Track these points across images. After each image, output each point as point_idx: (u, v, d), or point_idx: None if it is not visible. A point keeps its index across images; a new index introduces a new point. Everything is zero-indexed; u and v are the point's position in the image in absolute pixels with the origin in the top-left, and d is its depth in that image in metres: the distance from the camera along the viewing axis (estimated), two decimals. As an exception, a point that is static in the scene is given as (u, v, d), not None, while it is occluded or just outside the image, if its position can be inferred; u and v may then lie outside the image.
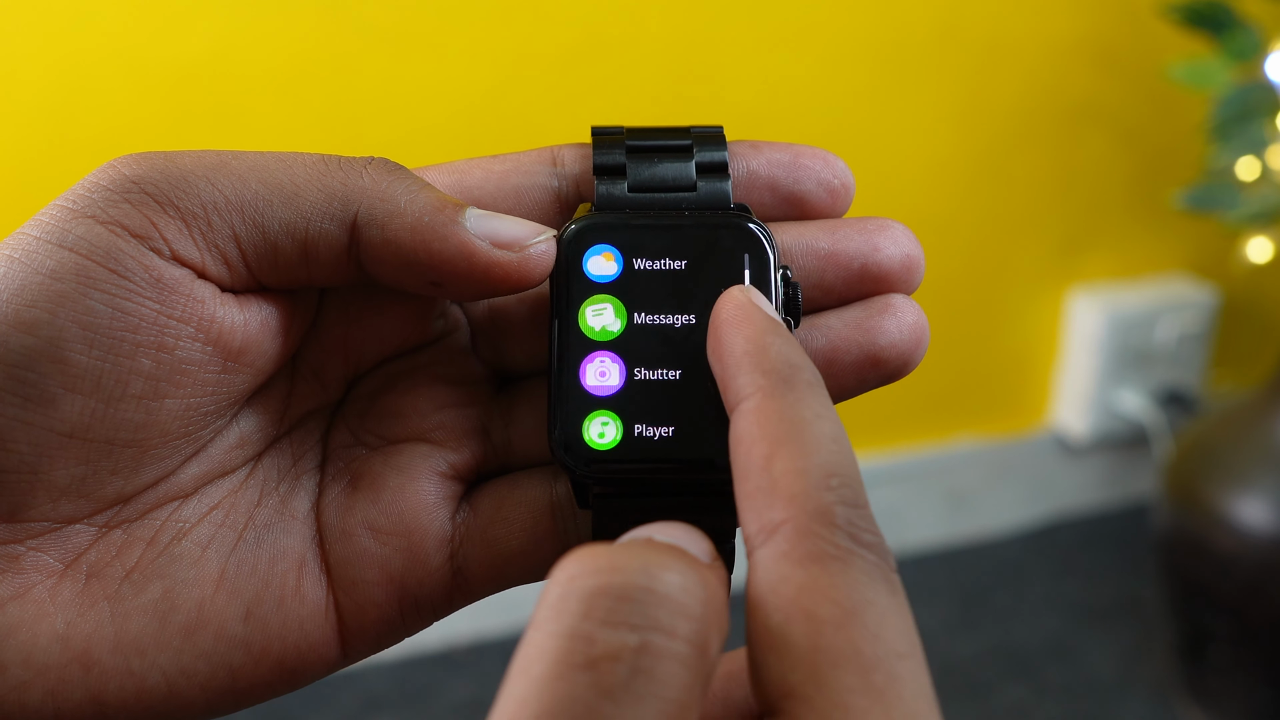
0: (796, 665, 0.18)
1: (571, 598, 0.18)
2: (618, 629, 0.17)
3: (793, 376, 0.22)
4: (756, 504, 0.20)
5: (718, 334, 0.24)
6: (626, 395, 0.26)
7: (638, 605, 0.18)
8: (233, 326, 0.25)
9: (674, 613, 0.18)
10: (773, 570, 0.19)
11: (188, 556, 0.26)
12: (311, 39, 0.85)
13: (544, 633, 0.18)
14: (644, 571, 0.18)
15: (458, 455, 0.27)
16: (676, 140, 0.28)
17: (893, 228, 0.28)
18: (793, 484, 0.20)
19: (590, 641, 0.17)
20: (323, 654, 0.27)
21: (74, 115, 0.82)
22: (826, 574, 0.19)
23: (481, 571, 0.27)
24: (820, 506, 0.20)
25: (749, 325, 0.23)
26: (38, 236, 0.24)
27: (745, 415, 0.21)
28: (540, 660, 0.17)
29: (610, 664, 0.17)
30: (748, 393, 0.22)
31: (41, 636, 0.24)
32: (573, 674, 0.17)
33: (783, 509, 0.20)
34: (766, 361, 0.22)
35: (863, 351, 0.27)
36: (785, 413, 0.21)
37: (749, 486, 0.20)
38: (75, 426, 0.24)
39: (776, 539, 0.20)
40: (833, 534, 0.19)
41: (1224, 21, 0.90)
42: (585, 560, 0.19)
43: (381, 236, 0.25)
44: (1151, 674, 1.04)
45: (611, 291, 0.27)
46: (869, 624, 0.19)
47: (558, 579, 0.19)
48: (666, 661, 0.17)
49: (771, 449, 0.20)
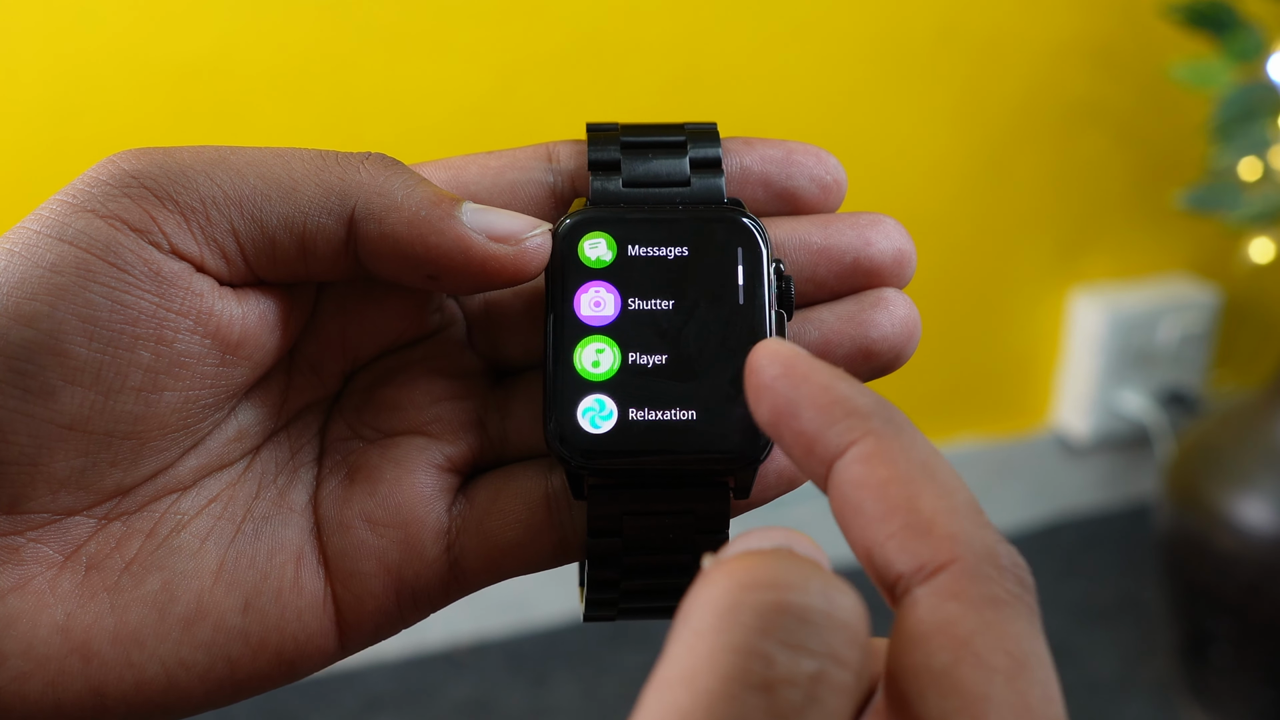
0: (962, 710, 0.18)
1: (746, 610, 0.17)
2: (797, 652, 0.17)
3: (894, 417, 0.21)
4: (908, 544, 0.19)
5: (779, 390, 0.21)
6: (621, 380, 0.26)
7: (818, 630, 0.17)
8: (231, 320, 0.25)
9: (848, 641, 0.17)
10: (940, 609, 0.18)
11: (186, 548, 0.26)
12: (312, 38, 0.86)
13: (712, 643, 0.17)
14: (824, 595, 0.18)
15: (454, 448, 0.28)
16: (670, 136, 0.28)
17: (884, 222, 0.28)
18: (949, 523, 0.19)
19: (768, 662, 0.17)
20: (321, 645, 0.27)
21: (75, 113, 0.82)
22: (1000, 620, 0.18)
23: (478, 563, 0.27)
24: (986, 547, 0.19)
25: (817, 373, 0.21)
26: (38, 230, 0.24)
27: (862, 460, 0.20)
28: (709, 673, 0.17)
29: (786, 689, 0.16)
30: (852, 438, 0.20)
31: (41, 628, 0.24)
32: (746, 694, 0.16)
33: (946, 549, 0.19)
34: (861, 406, 0.21)
35: (855, 345, 0.27)
36: (909, 452, 0.20)
37: (893, 528, 0.19)
38: (75, 419, 0.24)
39: (943, 578, 0.19)
40: (1003, 577, 0.19)
41: (1226, 21, 0.90)
42: (757, 570, 0.18)
43: (379, 231, 0.25)
44: (1153, 674, 1.04)
45: (607, 280, 0.27)
46: (1038, 679, 0.18)
47: (725, 586, 0.18)
48: (838, 692, 0.17)
49: (911, 489, 0.20)
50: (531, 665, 1.03)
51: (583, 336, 0.27)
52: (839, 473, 0.20)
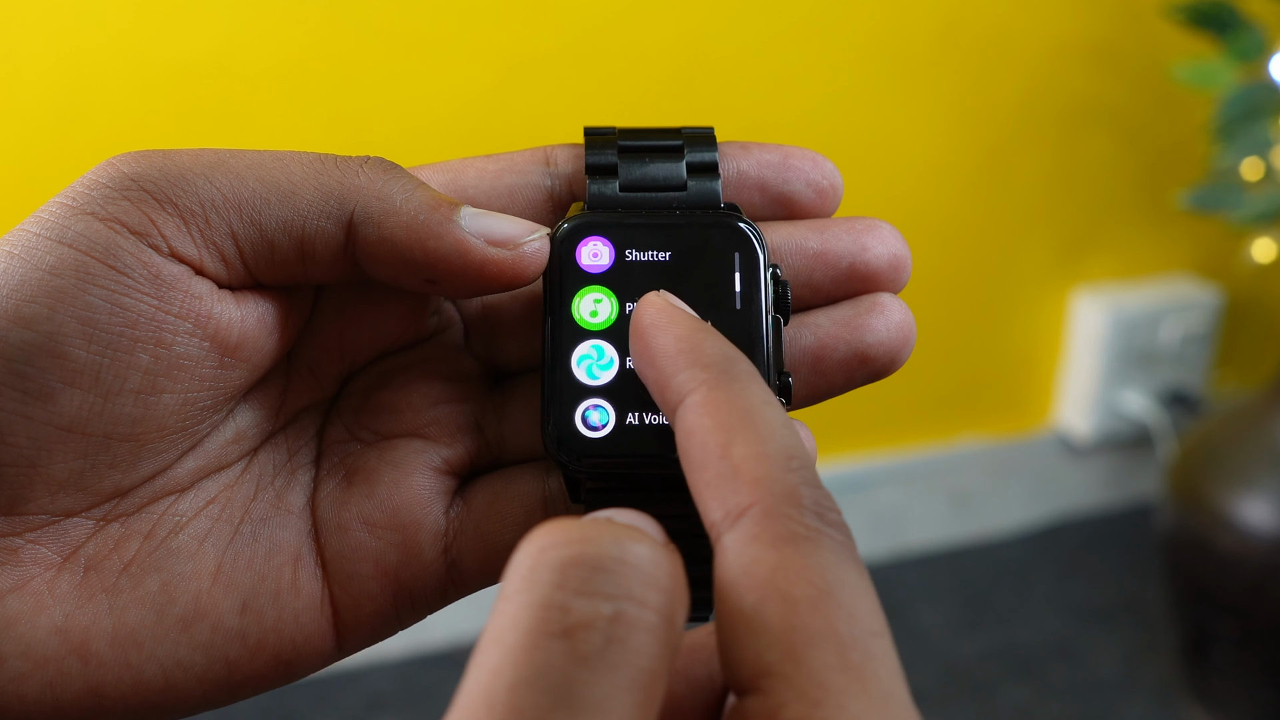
0: (773, 645, 0.18)
1: (544, 568, 0.18)
2: (592, 598, 0.18)
3: (732, 368, 0.22)
4: (719, 490, 0.20)
5: (644, 338, 0.24)
6: (618, 384, 0.27)
7: (610, 575, 0.18)
8: (230, 323, 0.26)
9: (645, 584, 0.18)
10: (743, 553, 0.19)
11: (184, 550, 0.26)
12: (313, 39, 0.86)
13: (516, 603, 0.18)
14: (615, 543, 0.18)
15: (451, 450, 0.28)
16: (667, 141, 0.28)
17: (880, 228, 0.28)
18: (755, 468, 0.20)
19: (564, 610, 0.17)
20: (318, 646, 0.27)
21: (76, 114, 0.82)
22: (799, 554, 0.19)
23: (475, 565, 0.27)
24: (786, 488, 0.20)
25: (676, 325, 0.23)
26: (37, 233, 0.24)
27: (693, 408, 0.22)
28: (514, 629, 0.17)
29: (585, 632, 0.17)
30: (690, 387, 0.22)
31: (40, 629, 0.24)
32: (547, 642, 0.17)
33: (748, 493, 0.20)
34: (704, 356, 0.22)
35: (851, 349, 0.27)
36: (734, 401, 0.21)
37: (708, 475, 0.21)
38: (74, 421, 0.24)
39: (744, 522, 0.20)
40: (801, 514, 0.20)
41: (1228, 21, 0.90)
42: (555, 532, 0.19)
43: (377, 234, 0.25)
44: (1155, 674, 1.04)
45: (604, 284, 0.27)
46: (843, 602, 0.19)
47: (528, 550, 0.19)
48: (639, 631, 0.18)
49: (727, 436, 0.21)
50: (533, 665, 1.03)
51: (580, 340, 0.27)
52: (678, 420, 0.22)
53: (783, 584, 0.19)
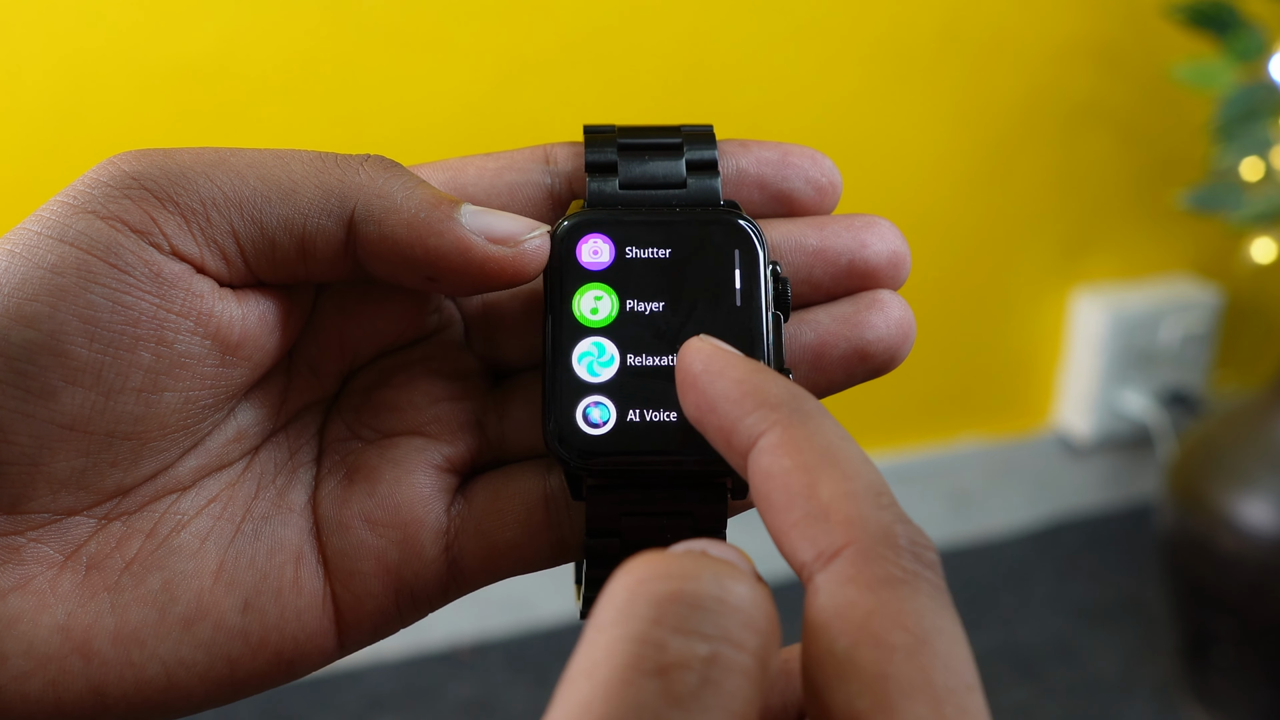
0: (865, 691, 0.18)
1: (641, 602, 0.18)
2: (689, 637, 0.17)
3: (803, 405, 0.21)
4: (808, 531, 0.20)
5: (700, 386, 0.23)
6: (619, 381, 0.27)
7: (709, 615, 0.18)
8: (231, 321, 0.26)
9: (743, 626, 0.18)
10: (838, 595, 0.19)
11: (186, 548, 0.26)
12: (314, 39, 0.86)
13: (610, 635, 0.17)
14: (716, 582, 0.18)
15: (452, 448, 0.28)
16: (667, 138, 0.28)
17: (880, 224, 0.28)
18: (846, 507, 0.19)
19: (661, 648, 0.17)
20: (320, 645, 0.27)
21: (77, 114, 0.82)
22: (896, 599, 0.19)
23: (476, 563, 0.27)
24: (881, 527, 0.19)
25: (733, 368, 0.22)
26: (38, 231, 0.24)
27: (769, 451, 0.21)
28: (607, 663, 0.17)
29: (681, 672, 0.17)
30: (762, 429, 0.21)
31: (42, 627, 0.24)
32: (641, 680, 0.17)
33: (842, 533, 0.19)
34: (771, 396, 0.21)
35: (850, 346, 0.27)
36: (812, 440, 0.21)
37: (795, 516, 0.20)
38: (75, 419, 0.24)
39: (839, 563, 0.19)
40: (899, 556, 0.19)
41: (1228, 21, 0.90)
42: (655, 565, 0.18)
43: (378, 232, 0.26)
44: (1155, 675, 1.04)
45: (604, 281, 0.27)
46: (940, 652, 0.18)
47: (625, 582, 0.18)
48: (734, 674, 0.17)
49: (811, 476, 0.20)
50: (533, 665, 1.03)
51: (581, 338, 0.27)
52: (751, 463, 0.21)
53: (878, 629, 0.18)
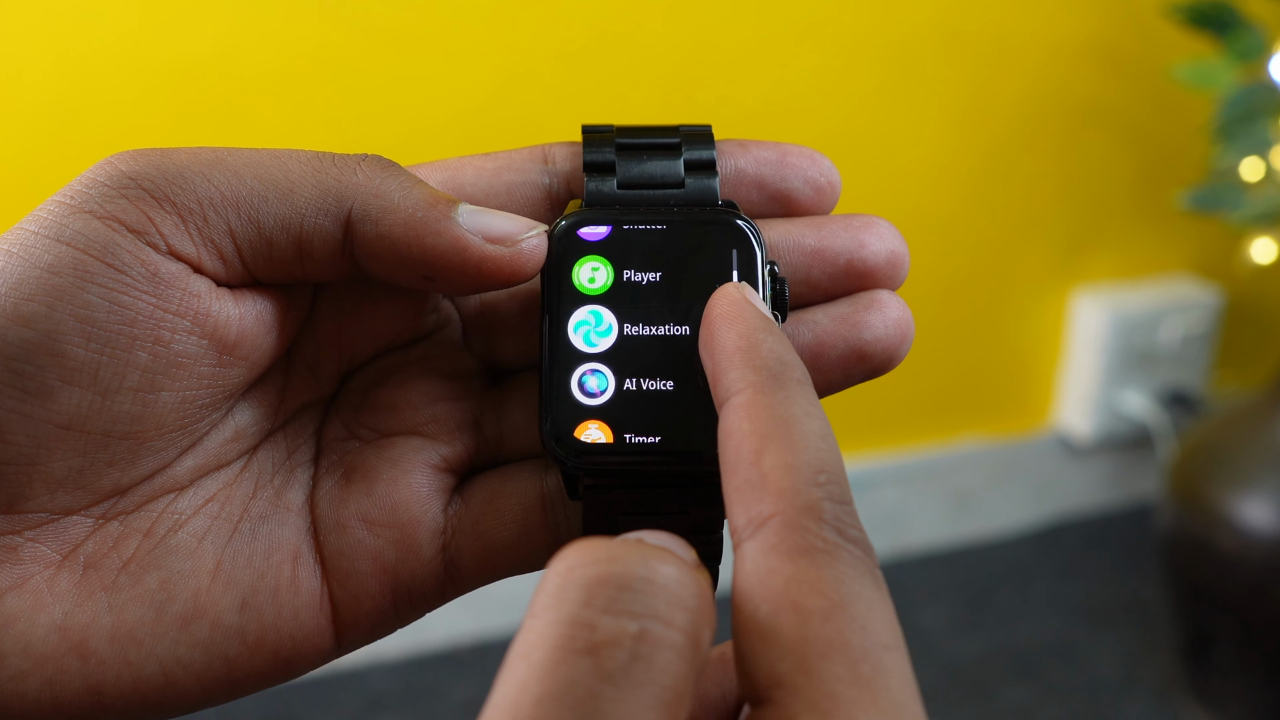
0: (785, 655, 0.18)
1: (572, 586, 0.18)
2: (618, 616, 0.18)
3: (783, 374, 0.22)
4: (745, 497, 0.20)
5: (710, 328, 0.24)
6: (615, 351, 0.27)
7: (637, 594, 0.18)
8: (228, 321, 0.26)
9: (671, 603, 0.18)
10: (760, 562, 0.20)
11: (184, 548, 0.26)
12: (313, 39, 0.86)
13: (544, 620, 0.18)
14: (643, 563, 0.19)
15: (450, 448, 0.28)
16: (665, 138, 0.28)
17: (878, 224, 0.28)
18: (782, 479, 0.20)
19: (591, 628, 0.18)
20: (317, 644, 0.27)
21: (76, 114, 0.82)
22: (814, 567, 0.19)
23: (473, 563, 0.27)
24: (809, 502, 0.20)
25: (741, 321, 0.23)
26: (35, 231, 0.24)
27: (735, 410, 0.22)
28: (540, 646, 0.18)
29: (611, 649, 0.17)
30: (738, 388, 0.22)
31: (40, 626, 0.24)
32: (574, 659, 0.17)
33: (771, 503, 0.20)
34: (758, 358, 0.22)
35: (849, 346, 0.27)
36: (775, 409, 0.21)
37: (738, 480, 0.21)
38: (72, 419, 0.24)
39: (764, 532, 0.20)
40: (820, 529, 0.20)
41: (1228, 22, 0.90)
42: (584, 551, 0.19)
43: (375, 232, 0.25)
44: (1155, 675, 1.04)
45: (602, 304, 0.27)
46: (856, 616, 0.19)
47: (557, 569, 0.19)
48: (664, 650, 0.18)
49: (761, 444, 0.21)
50: (533, 665, 1.03)
51: (579, 364, 0.27)
52: (720, 419, 0.22)
53: (797, 595, 0.19)
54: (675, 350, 0.27)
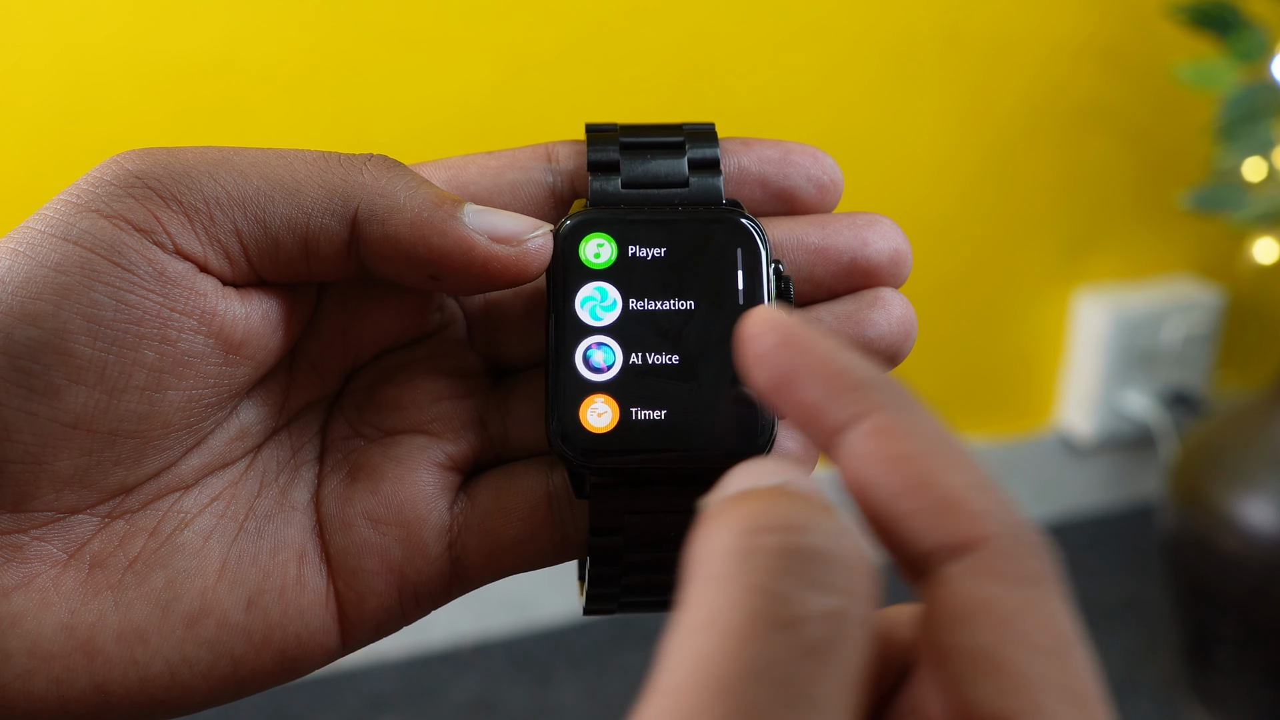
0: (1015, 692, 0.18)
1: (761, 553, 0.17)
2: (814, 590, 0.17)
3: (900, 390, 0.21)
4: (935, 521, 0.19)
5: (777, 359, 0.21)
6: (622, 380, 0.27)
7: (830, 569, 0.17)
8: (234, 320, 0.26)
9: (862, 579, 0.18)
10: (979, 588, 0.18)
11: (190, 546, 0.26)
12: (316, 39, 0.86)
13: (730, 586, 0.17)
14: (832, 536, 0.18)
15: (455, 446, 0.28)
16: (669, 137, 0.28)
17: (881, 222, 0.28)
18: (977, 500, 0.19)
19: (788, 601, 0.17)
20: (323, 643, 0.27)
21: (80, 113, 0.82)
22: (1040, 599, 0.18)
23: (479, 561, 0.27)
24: (1017, 525, 0.19)
25: (817, 343, 0.21)
26: (42, 230, 0.24)
27: (874, 435, 0.20)
28: (733, 615, 0.17)
29: (809, 625, 0.17)
30: (859, 411, 0.20)
31: (46, 625, 0.24)
32: (770, 633, 0.16)
33: (977, 525, 0.19)
34: (866, 378, 0.20)
35: (853, 344, 0.27)
36: (922, 427, 0.20)
37: (914, 504, 0.19)
38: (79, 417, 0.24)
39: (977, 557, 0.19)
40: (1035, 555, 0.19)
41: (1230, 22, 0.90)
42: (764, 515, 0.18)
43: (381, 231, 0.26)
44: (1157, 675, 1.04)
45: (607, 281, 0.27)
46: (1082, 660, 0.18)
47: (735, 531, 0.18)
48: (856, 627, 0.17)
49: (930, 464, 0.19)
50: (535, 665, 1.03)
51: (584, 336, 0.27)
52: (849, 445, 0.20)
53: (1027, 629, 0.18)
54: (679, 331, 0.27)
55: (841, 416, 0.20)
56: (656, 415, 0.27)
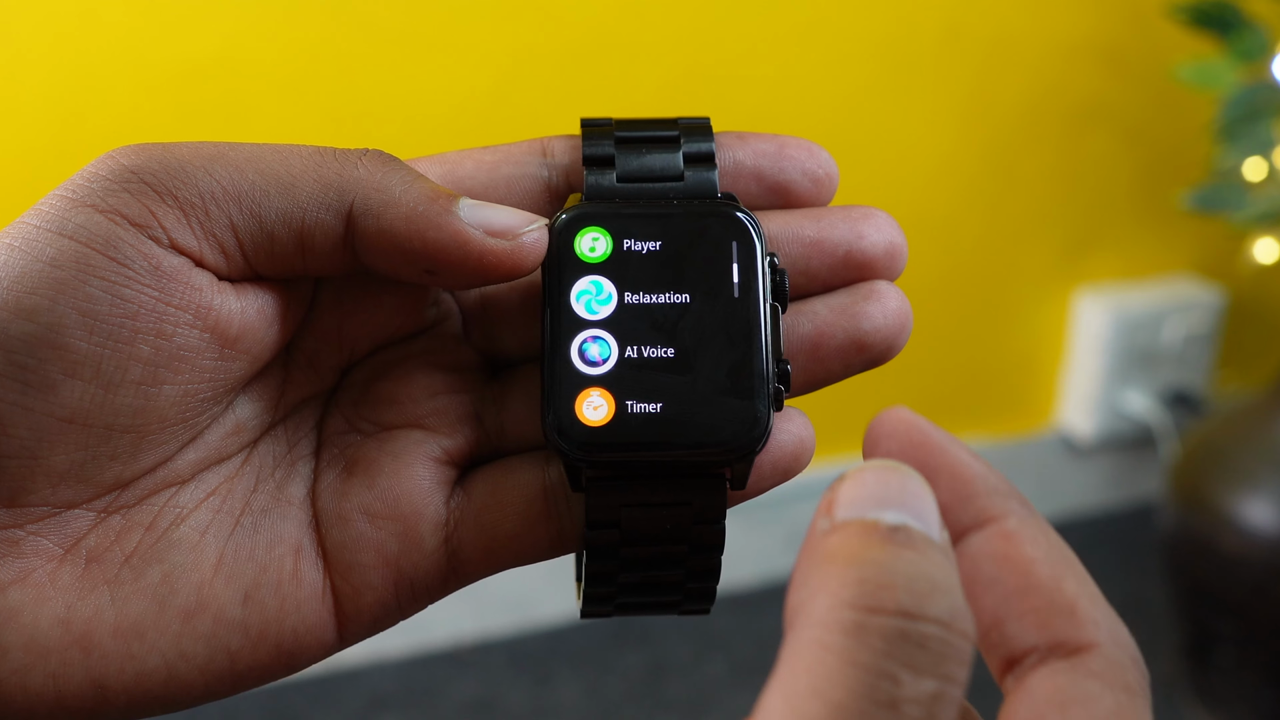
0: None
1: (874, 634, 0.18)
2: (920, 676, 0.18)
3: (1025, 500, 0.22)
4: (1049, 621, 0.20)
5: (941, 452, 0.22)
6: (618, 373, 0.27)
7: (940, 657, 0.18)
8: (230, 314, 0.26)
9: (963, 662, 0.19)
10: (1080, 685, 0.20)
11: (186, 541, 0.26)
12: (314, 38, 0.86)
13: (842, 660, 0.18)
14: (941, 625, 0.19)
15: (451, 441, 0.28)
16: (664, 131, 0.28)
17: (876, 215, 0.28)
18: (1091, 609, 0.20)
19: (895, 682, 0.18)
20: (320, 637, 0.27)
21: (79, 111, 0.83)
22: (1134, 707, 0.20)
23: (476, 555, 0.27)
24: (1125, 639, 0.20)
25: (952, 448, 0.22)
26: (38, 225, 0.24)
27: (1009, 536, 0.21)
28: (841, 688, 0.18)
29: (911, 707, 0.18)
30: (993, 514, 0.21)
31: (43, 620, 0.24)
32: (875, 710, 0.17)
33: (1090, 632, 0.20)
34: (997, 485, 0.22)
35: (848, 336, 0.28)
36: (1050, 537, 0.21)
37: (1033, 603, 0.21)
38: (75, 412, 0.24)
39: (1084, 659, 0.20)
40: (1136, 668, 0.20)
41: (1231, 21, 0.90)
42: (882, 595, 0.19)
43: (377, 226, 0.26)
44: (1157, 675, 1.04)
45: (603, 274, 0.27)
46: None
47: (848, 604, 0.18)
48: (951, 707, 0.18)
49: (1056, 570, 0.21)
50: (535, 664, 1.03)
51: (580, 330, 0.27)
52: (976, 544, 0.21)
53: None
54: (674, 325, 0.27)
55: (972, 517, 0.22)
56: (652, 408, 0.27)
